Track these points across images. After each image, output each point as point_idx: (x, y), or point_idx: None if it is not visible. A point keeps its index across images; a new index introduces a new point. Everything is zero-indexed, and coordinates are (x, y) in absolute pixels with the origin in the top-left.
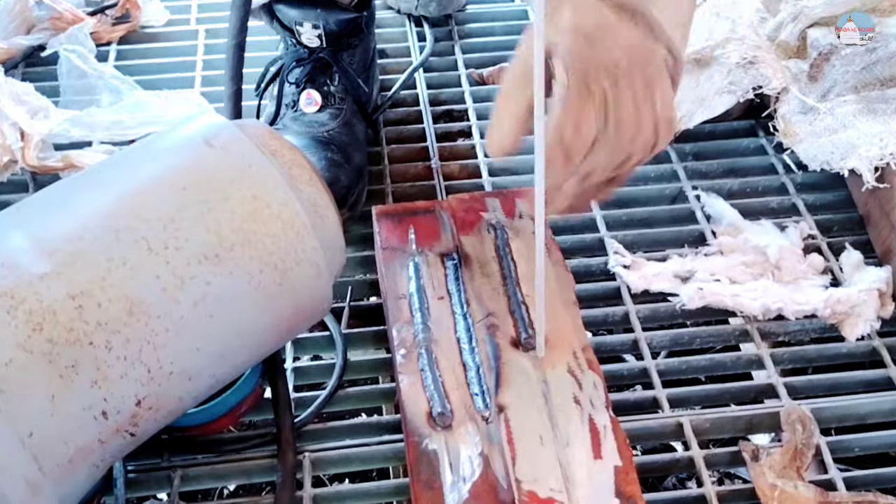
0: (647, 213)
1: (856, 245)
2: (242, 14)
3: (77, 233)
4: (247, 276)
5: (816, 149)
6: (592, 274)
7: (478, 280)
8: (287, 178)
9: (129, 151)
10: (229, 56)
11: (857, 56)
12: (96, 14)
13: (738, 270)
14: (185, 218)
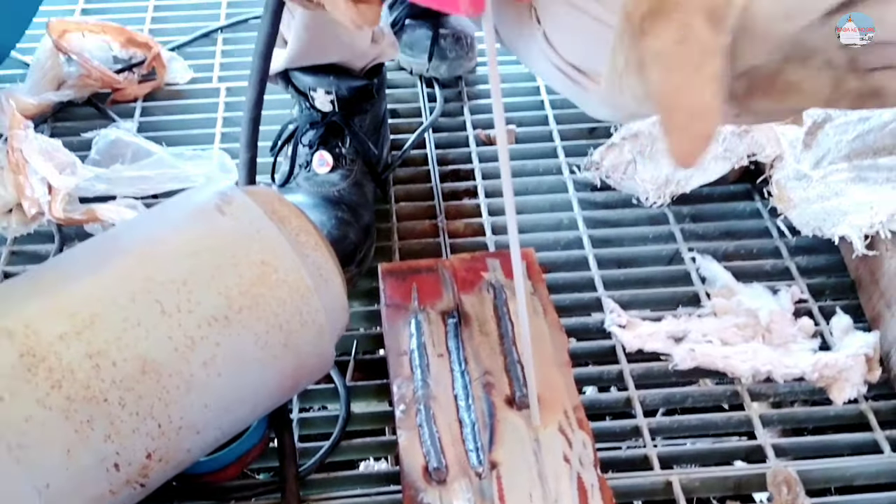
0: (643, 274)
1: (847, 309)
2: (258, 91)
3: (96, 295)
4: (253, 337)
5: (809, 215)
6: (589, 332)
7: (476, 338)
8: (294, 245)
9: (147, 216)
10: (245, 128)
11: (850, 125)
12: (123, 72)
13: (731, 332)
14: (197, 282)
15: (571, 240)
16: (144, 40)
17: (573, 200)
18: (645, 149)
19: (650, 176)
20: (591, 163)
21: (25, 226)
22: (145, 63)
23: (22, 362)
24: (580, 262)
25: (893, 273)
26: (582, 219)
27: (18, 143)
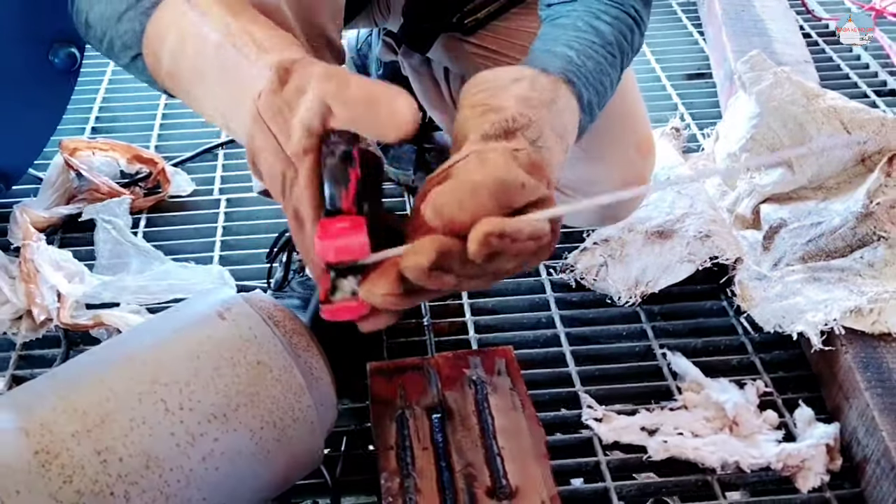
0: (618, 370)
1: (809, 401)
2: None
3: (104, 396)
4: (249, 433)
5: (769, 313)
6: (567, 425)
7: (459, 433)
8: (288, 346)
9: (153, 322)
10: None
11: (803, 230)
12: (129, 186)
13: (700, 425)
14: (198, 382)
15: (549, 337)
16: (150, 156)
17: (551, 300)
18: (615, 252)
19: (621, 277)
20: (566, 265)
21: (34, 331)
22: (150, 177)
23: (37, 459)
24: (558, 358)
25: (849, 367)
26: (559, 317)
27: (31, 254)
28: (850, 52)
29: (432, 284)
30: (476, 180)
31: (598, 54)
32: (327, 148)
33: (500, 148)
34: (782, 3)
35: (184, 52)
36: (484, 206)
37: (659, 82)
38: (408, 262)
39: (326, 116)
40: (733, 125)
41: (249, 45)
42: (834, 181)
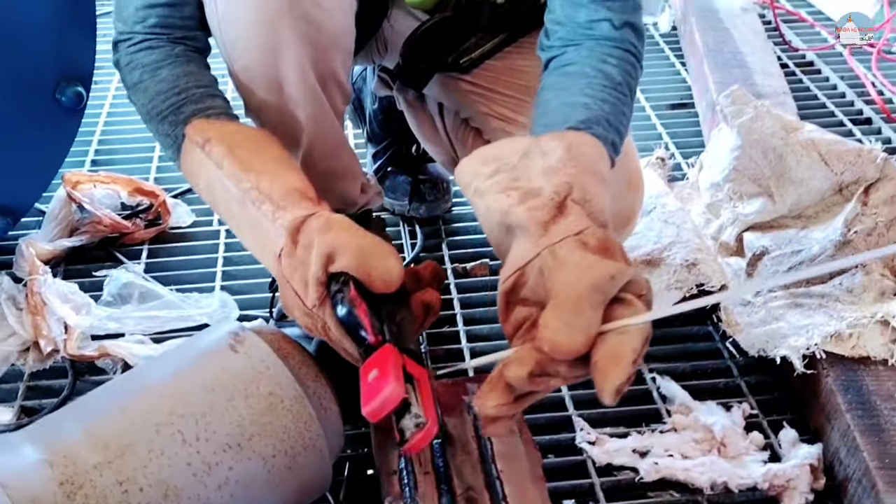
0: None
1: (793, 423)
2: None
3: (125, 427)
4: (262, 462)
5: (754, 338)
6: (562, 448)
7: (459, 457)
8: (297, 377)
9: (168, 356)
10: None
11: (784, 257)
12: (131, 218)
13: (689, 447)
14: (214, 413)
15: None
16: (151, 189)
17: None
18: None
19: None
20: None
21: (41, 362)
22: (151, 209)
23: (62, 490)
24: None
25: (830, 389)
26: None
27: (38, 288)
28: (827, 81)
29: (538, 388)
30: (571, 296)
31: (611, 97)
32: (333, 301)
33: (569, 242)
34: (760, 35)
35: (216, 198)
36: (590, 321)
37: (644, 112)
38: (510, 373)
39: (328, 265)
40: (716, 156)
41: (266, 203)
42: (813, 210)
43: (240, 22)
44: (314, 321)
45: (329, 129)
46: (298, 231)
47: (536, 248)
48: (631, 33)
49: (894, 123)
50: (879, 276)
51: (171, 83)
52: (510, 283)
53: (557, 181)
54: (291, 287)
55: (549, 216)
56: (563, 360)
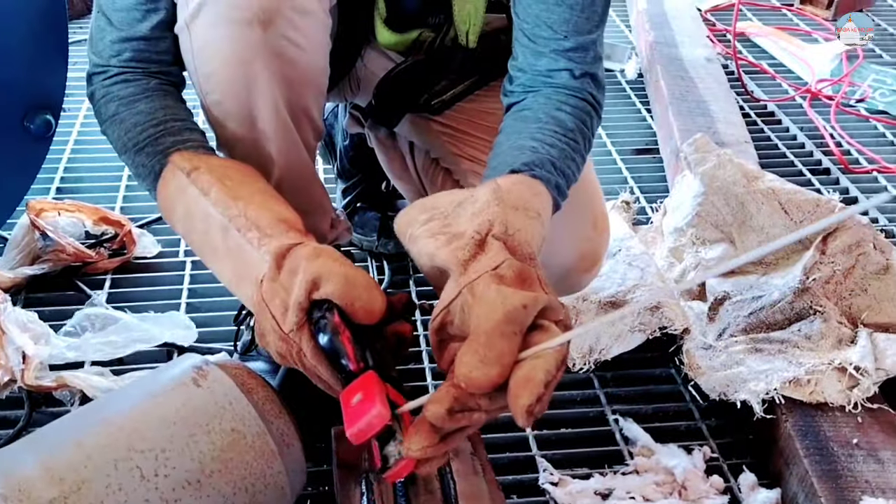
0: (573, 434)
1: (752, 467)
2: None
3: (82, 462)
4: (221, 499)
5: (715, 381)
6: (525, 489)
7: (422, 496)
8: (261, 413)
9: (129, 388)
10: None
11: (745, 303)
12: (95, 247)
13: (651, 489)
14: (173, 449)
15: None
16: (117, 219)
17: None
18: (571, 321)
19: (576, 345)
20: None
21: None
22: (116, 238)
23: None
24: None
25: (789, 434)
26: None
27: None
28: (788, 132)
29: (461, 424)
30: (485, 330)
31: (560, 142)
32: (316, 327)
33: (486, 278)
34: (723, 84)
35: (193, 227)
36: (503, 352)
37: (610, 156)
38: (429, 413)
39: (312, 291)
40: (680, 201)
41: (252, 230)
42: (773, 257)
43: (214, 57)
44: (289, 347)
45: (300, 164)
46: (284, 257)
47: (458, 287)
48: (590, 83)
49: (851, 174)
50: (837, 323)
51: (148, 115)
52: (437, 323)
53: (479, 221)
54: (269, 311)
55: (469, 255)
56: (481, 392)
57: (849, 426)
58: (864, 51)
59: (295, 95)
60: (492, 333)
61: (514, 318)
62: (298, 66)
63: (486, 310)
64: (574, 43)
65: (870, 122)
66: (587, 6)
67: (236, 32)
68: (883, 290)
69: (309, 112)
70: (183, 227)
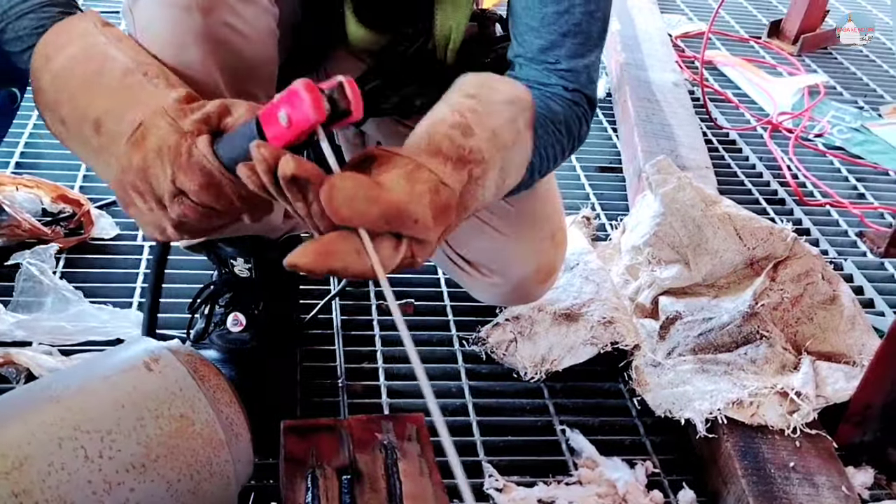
0: (520, 442)
1: (692, 484)
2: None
3: (25, 438)
4: (166, 485)
5: (661, 398)
6: None
7: (367, 495)
8: (211, 401)
9: (78, 368)
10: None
11: (695, 324)
12: (51, 224)
13: (593, 500)
14: (120, 431)
15: (458, 407)
16: (76, 197)
17: (461, 371)
18: (525, 329)
19: (528, 354)
20: (478, 338)
21: None
22: (74, 218)
23: None
24: (465, 427)
25: (729, 454)
26: (468, 388)
27: None
28: (747, 160)
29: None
30: (382, 196)
31: (545, 127)
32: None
33: (433, 179)
34: (689, 110)
35: (85, 63)
36: (370, 219)
37: (574, 172)
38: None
39: (224, 114)
40: (639, 220)
41: (161, 78)
42: (725, 280)
43: (155, 41)
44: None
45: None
46: (194, 98)
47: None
48: (582, 98)
49: (805, 206)
50: (782, 349)
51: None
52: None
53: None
54: (168, 115)
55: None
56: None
57: (787, 450)
58: (826, 87)
59: (240, 83)
60: (381, 201)
61: (402, 218)
62: (242, 55)
63: (400, 192)
64: (567, 65)
65: (826, 156)
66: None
67: (176, 16)
68: (828, 319)
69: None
70: (65, 64)
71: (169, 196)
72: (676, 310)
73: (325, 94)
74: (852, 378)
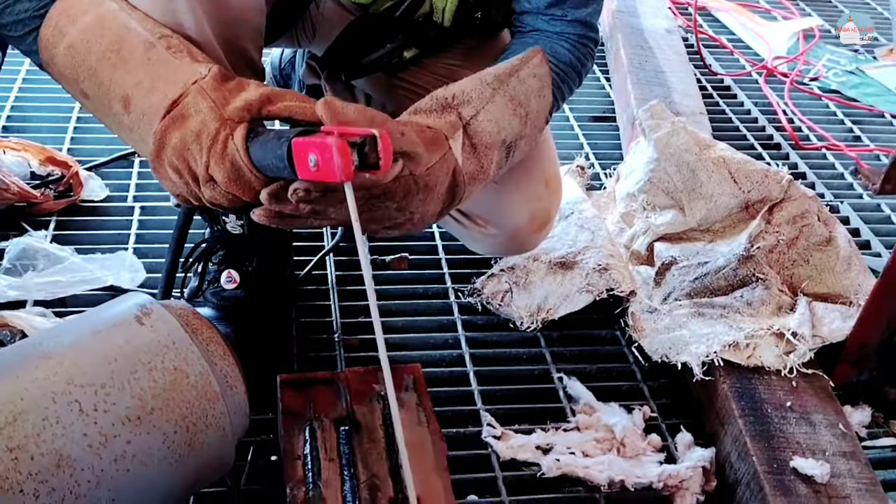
0: (517, 391)
1: (689, 427)
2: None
3: (18, 394)
4: (162, 437)
5: (658, 343)
6: (468, 442)
7: (365, 445)
8: (205, 353)
9: (69, 324)
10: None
11: (691, 268)
12: (40, 187)
13: (591, 445)
14: (114, 384)
15: (455, 358)
16: (64, 159)
17: (458, 322)
18: (520, 279)
19: (524, 303)
20: (473, 289)
21: None
22: (63, 180)
23: None
24: (462, 378)
25: (725, 395)
26: (465, 339)
27: None
28: (742, 106)
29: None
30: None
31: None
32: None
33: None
34: (682, 57)
35: (101, 36)
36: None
37: (568, 122)
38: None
39: (264, 103)
40: (633, 167)
41: (184, 52)
42: (720, 225)
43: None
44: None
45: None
46: (228, 77)
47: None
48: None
49: (801, 150)
50: (778, 291)
51: None
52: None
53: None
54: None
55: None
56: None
57: (783, 390)
58: (821, 31)
59: (228, 33)
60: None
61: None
62: (230, 4)
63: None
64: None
65: (822, 100)
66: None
67: None
68: (824, 261)
69: (247, 53)
70: (81, 37)
71: (203, 180)
72: (672, 255)
73: (355, 148)
74: (848, 318)
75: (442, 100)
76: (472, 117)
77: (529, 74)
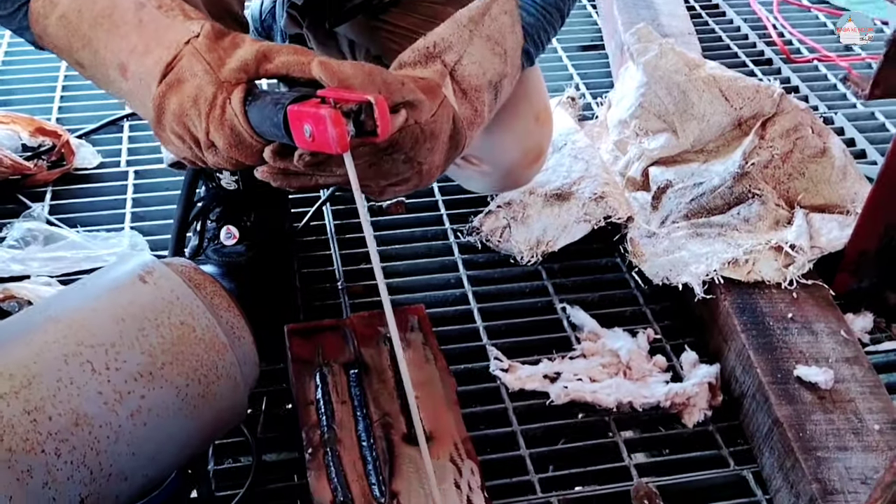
0: (522, 324)
1: (693, 346)
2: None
3: (31, 358)
4: (175, 390)
5: (658, 267)
6: (476, 376)
7: (375, 386)
8: (209, 307)
9: (74, 288)
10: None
11: (686, 190)
12: (32, 159)
13: (597, 371)
14: (123, 343)
15: (458, 296)
16: (53, 129)
17: (458, 262)
18: (517, 214)
19: (523, 238)
20: (472, 228)
21: None
22: (55, 150)
23: None
24: (466, 315)
25: (727, 312)
26: (466, 277)
27: None
28: (731, 23)
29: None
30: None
31: (537, 12)
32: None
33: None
34: None
35: (93, 2)
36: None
37: (556, 54)
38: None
39: (261, 61)
40: (623, 94)
41: (176, 10)
42: (714, 144)
43: None
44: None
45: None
46: (224, 33)
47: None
48: None
49: (793, 64)
50: (775, 206)
51: None
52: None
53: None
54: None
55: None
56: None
57: (784, 302)
58: None
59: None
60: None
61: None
62: None
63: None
64: None
65: (811, 11)
66: None
67: None
68: (820, 172)
69: (231, 7)
70: (72, 5)
71: (205, 146)
72: (667, 178)
73: (350, 117)
74: (846, 227)
75: (423, 50)
76: (457, 62)
77: (500, 11)
